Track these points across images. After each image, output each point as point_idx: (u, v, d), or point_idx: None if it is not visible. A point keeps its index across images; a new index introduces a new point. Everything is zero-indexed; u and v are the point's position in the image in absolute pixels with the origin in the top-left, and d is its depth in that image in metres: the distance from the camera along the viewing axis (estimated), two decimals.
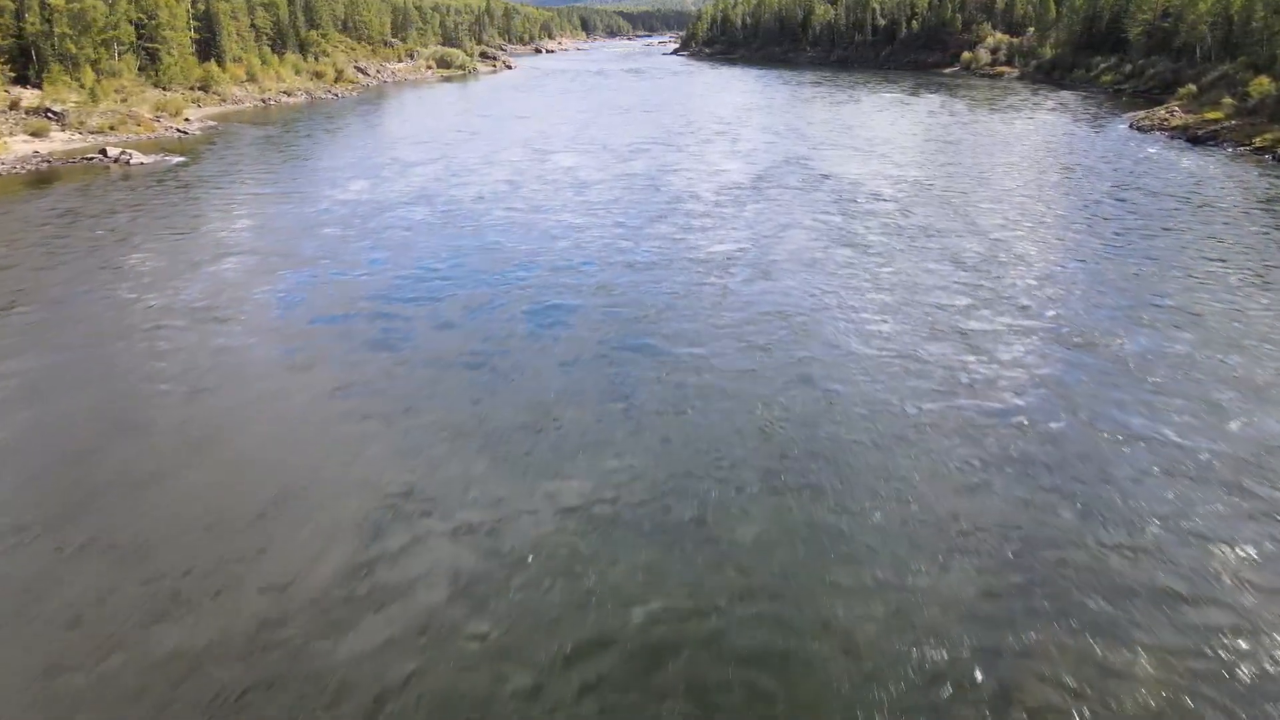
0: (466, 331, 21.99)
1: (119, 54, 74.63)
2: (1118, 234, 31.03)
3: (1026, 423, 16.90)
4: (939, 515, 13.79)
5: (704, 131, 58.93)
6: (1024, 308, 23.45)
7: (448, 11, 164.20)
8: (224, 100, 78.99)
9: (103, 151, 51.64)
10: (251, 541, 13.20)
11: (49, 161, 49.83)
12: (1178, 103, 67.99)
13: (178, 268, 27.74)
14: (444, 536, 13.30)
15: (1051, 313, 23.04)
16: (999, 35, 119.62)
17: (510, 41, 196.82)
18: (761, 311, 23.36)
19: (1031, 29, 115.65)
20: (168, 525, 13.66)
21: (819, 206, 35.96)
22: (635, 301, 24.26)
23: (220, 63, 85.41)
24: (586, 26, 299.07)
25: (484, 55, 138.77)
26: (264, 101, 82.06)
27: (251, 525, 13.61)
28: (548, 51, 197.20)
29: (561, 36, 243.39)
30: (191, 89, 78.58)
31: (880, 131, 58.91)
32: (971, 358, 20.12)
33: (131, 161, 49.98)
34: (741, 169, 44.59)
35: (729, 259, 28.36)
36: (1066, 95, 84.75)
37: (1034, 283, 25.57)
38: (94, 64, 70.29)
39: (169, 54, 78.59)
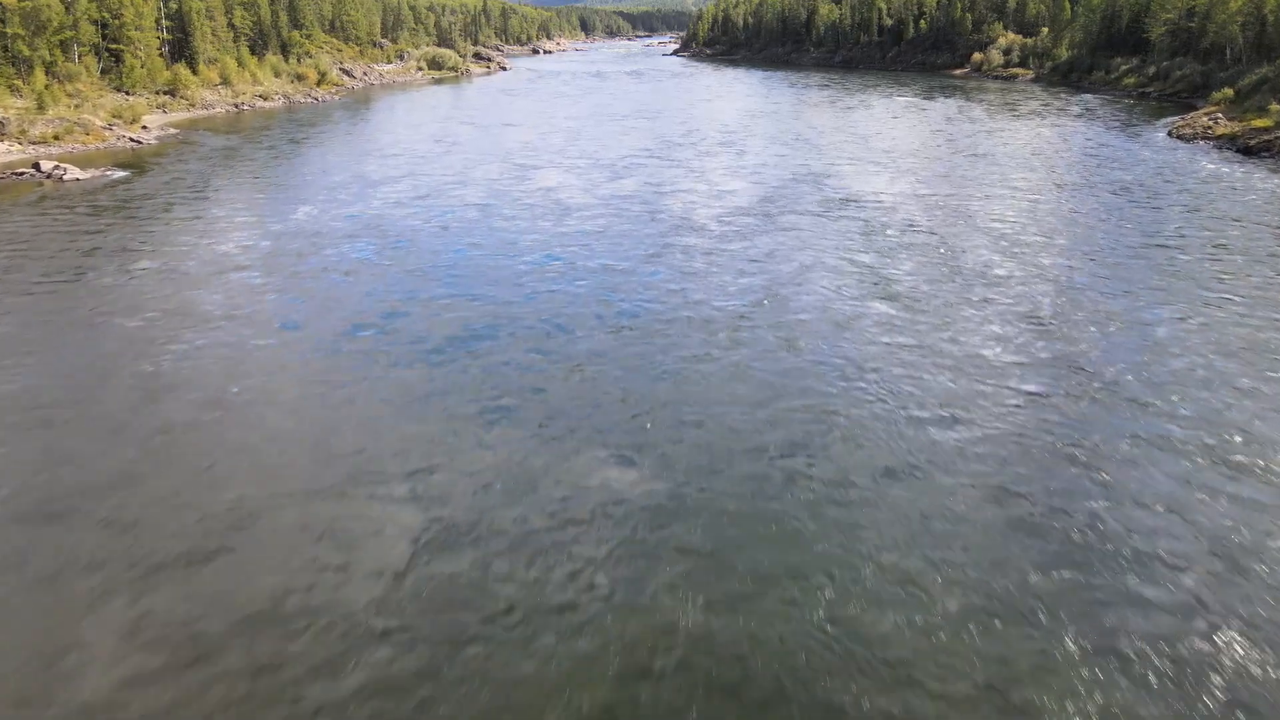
0: (385, 450, 15.64)
1: (78, 56, 68.26)
2: (1221, 279, 24.60)
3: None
4: None
5: (705, 142, 52.49)
6: (1143, 404, 17.05)
7: (443, 11, 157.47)
8: (193, 105, 72.51)
9: (36, 165, 45.22)
10: None
11: None
12: (1214, 108, 61.67)
13: (28, 335, 21.41)
14: None
15: (1187, 411, 16.64)
16: (1011, 36, 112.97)
17: (507, 42, 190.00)
18: (788, 408, 16.98)
19: (1045, 29, 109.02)
20: None
21: (843, 240, 29.57)
22: (619, 390, 17.88)
23: (193, 65, 78.92)
24: (586, 27, 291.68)
25: (478, 56, 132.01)
26: (237, 107, 75.56)
27: None
28: (545, 52, 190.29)
29: (560, 37, 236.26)
30: (158, 93, 72.13)
31: (899, 141, 52.48)
32: (1094, 492, 13.77)
33: (65, 177, 43.52)
34: (749, 189, 38.18)
35: (740, 318, 21.99)
36: (1089, 99, 78.29)
37: (1148, 357, 19.18)
38: (49, 67, 63.91)
39: (134, 56, 72.21)
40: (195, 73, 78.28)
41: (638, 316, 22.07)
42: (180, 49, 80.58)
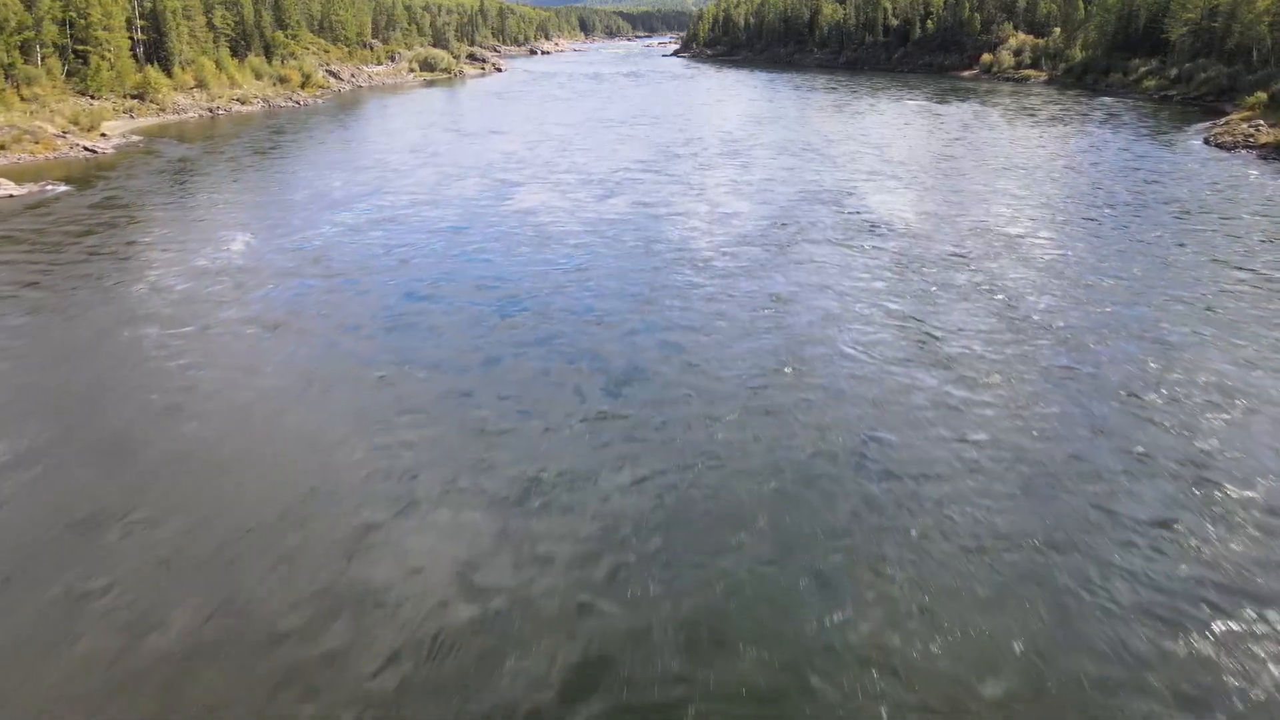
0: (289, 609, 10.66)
1: (41, 58, 63.18)
2: None
3: None
4: None
5: (707, 152, 47.38)
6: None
7: (438, 11, 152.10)
8: (163, 110, 67.38)
9: None
10: None
11: None
12: (1249, 113, 56.55)
13: None
14: None
15: None
16: (1022, 36, 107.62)
17: (505, 42, 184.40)
18: (824, 571, 11.96)
19: (1057, 30, 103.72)
20: None
21: (871, 278, 24.52)
22: (594, 526, 12.87)
23: (167, 67, 73.80)
24: (585, 27, 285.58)
25: (472, 57, 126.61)
26: (211, 111, 70.40)
27: None
28: (543, 53, 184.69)
29: (559, 37, 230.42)
30: (126, 97, 67.06)
31: (917, 152, 47.37)
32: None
33: None
34: (756, 211, 33.09)
35: (752, 396, 16.96)
36: (1109, 103, 73.18)
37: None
38: (7, 70, 58.83)
39: (101, 58, 67.07)
40: (170, 75, 73.25)
41: (619, 397, 16.99)
42: (156, 50, 75.49)
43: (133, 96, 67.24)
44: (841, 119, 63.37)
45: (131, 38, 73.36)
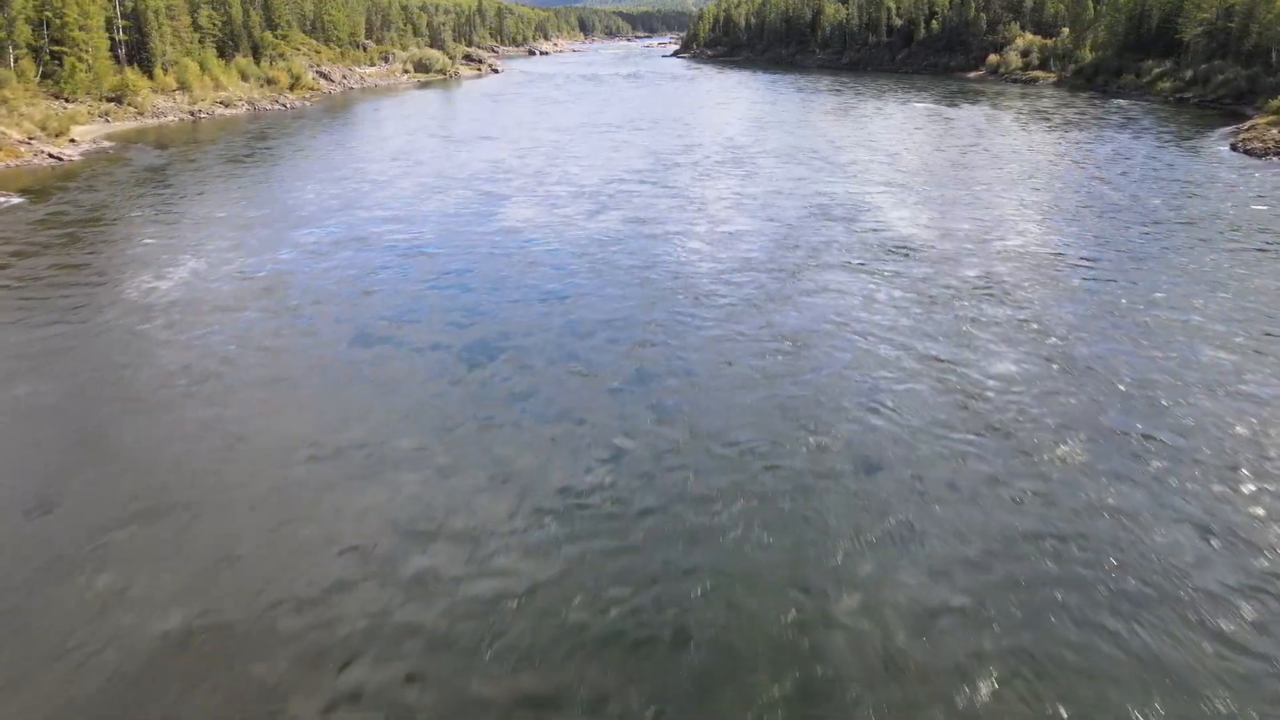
0: None
1: (14, 59, 59.89)
2: None
3: None
4: None
5: (709, 160, 44.04)
6: None
7: (435, 11, 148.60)
8: (141, 114, 64.01)
9: None
10: None
11: None
12: (1275, 117, 53.30)
13: None
14: None
15: None
16: (1029, 36, 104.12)
17: (503, 43, 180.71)
18: (851, 679, 8.70)
19: (1066, 30, 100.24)
20: None
21: (897, 313, 21.21)
22: (559, 683, 9.60)
23: (149, 68, 70.43)
24: (584, 27, 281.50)
25: (468, 58, 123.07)
26: (193, 115, 67.05)
27: None
28: (541, 53, 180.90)
29: (558, 38, 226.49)
30: (103, 100, 63.73)
31: (931, 159, 44.04)
32: None
33: None
34: (763, 229, 29.77)
35: (768, 472, 13.68)
36: (1123, 105, 69.92)
37: None
38: None
39: (79, 59, 63.72)
40: (151, 77, 69.88)
41: (602, 483, 13.67)
42: (138, 51, 72.14)
43: (110, 99, 63.90)
44: (848, 123, 60.01)
45: (113, 38, 70.01)
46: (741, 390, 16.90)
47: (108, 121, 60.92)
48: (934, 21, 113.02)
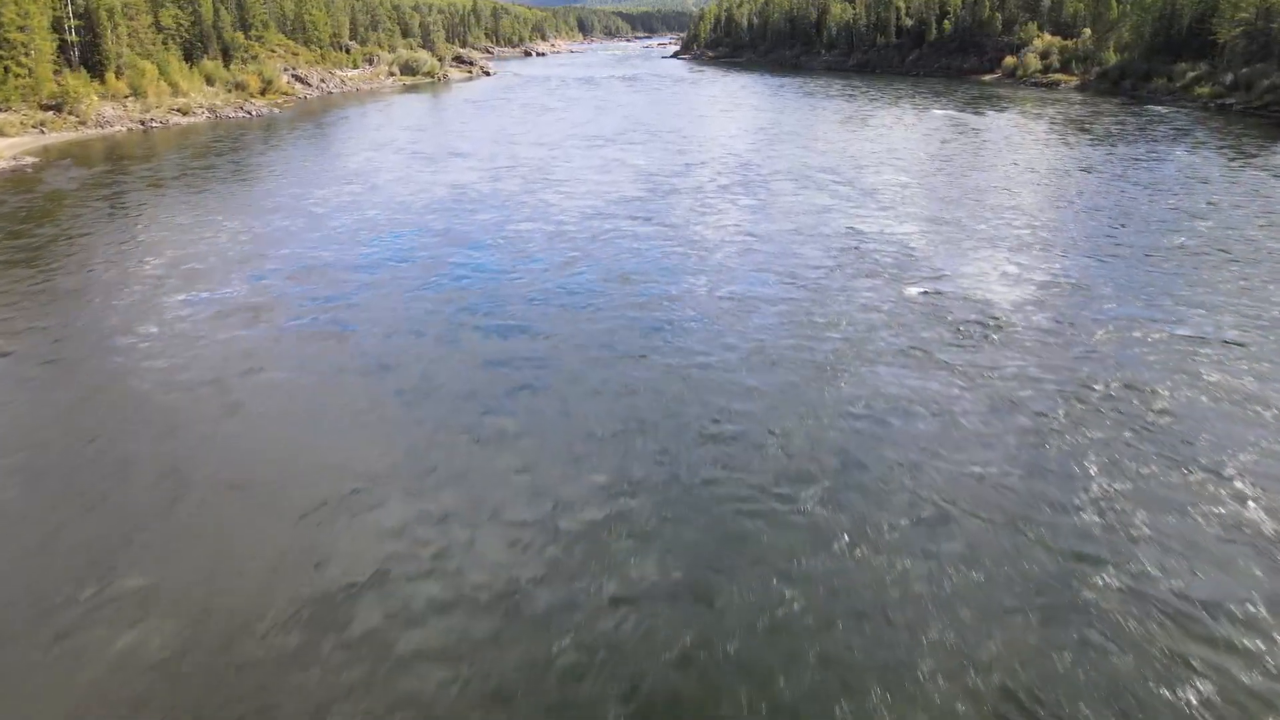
0: None
1: None
2: None
3: None
4: None
5: (712, 185, 36.73)
6: None
7: (428, 11, 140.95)
8: (84, 123, 56.68)
9: None
10: None
11: None
12: None
13: None
14: None
15: None
16: (1048, 37, 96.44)
17: (498, 43, 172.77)
18: None
19: (1087, 30, 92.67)
20: None
21: (994, 449, 13.96)
22: None
23: (99, 72, 63.07)
24: (583, 27, 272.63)
25: (459, 60, 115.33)
26: (143, 124, 59.67)
27: None
28: (538, 54, 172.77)
29: (556, 38, 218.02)
30: (43, 108, 56.46)
31: (971, 181, 36.68)
32: None
33: None
34: (785, 293, 22.45)
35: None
36: (1163, 113, 62.67)
37: None
38: None
39: (17, 63, 56.41)
40: (103, 82, 62.52)
41: None
42: (91, 54, 64.78)
43: (48, 108, 56.62)
44: (867, 135, 52.63)
45: (64, 40, 62.75)
46: (771, 608, 9.67)
47: (42, 133, 53.65)
48: (946, 22, 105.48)
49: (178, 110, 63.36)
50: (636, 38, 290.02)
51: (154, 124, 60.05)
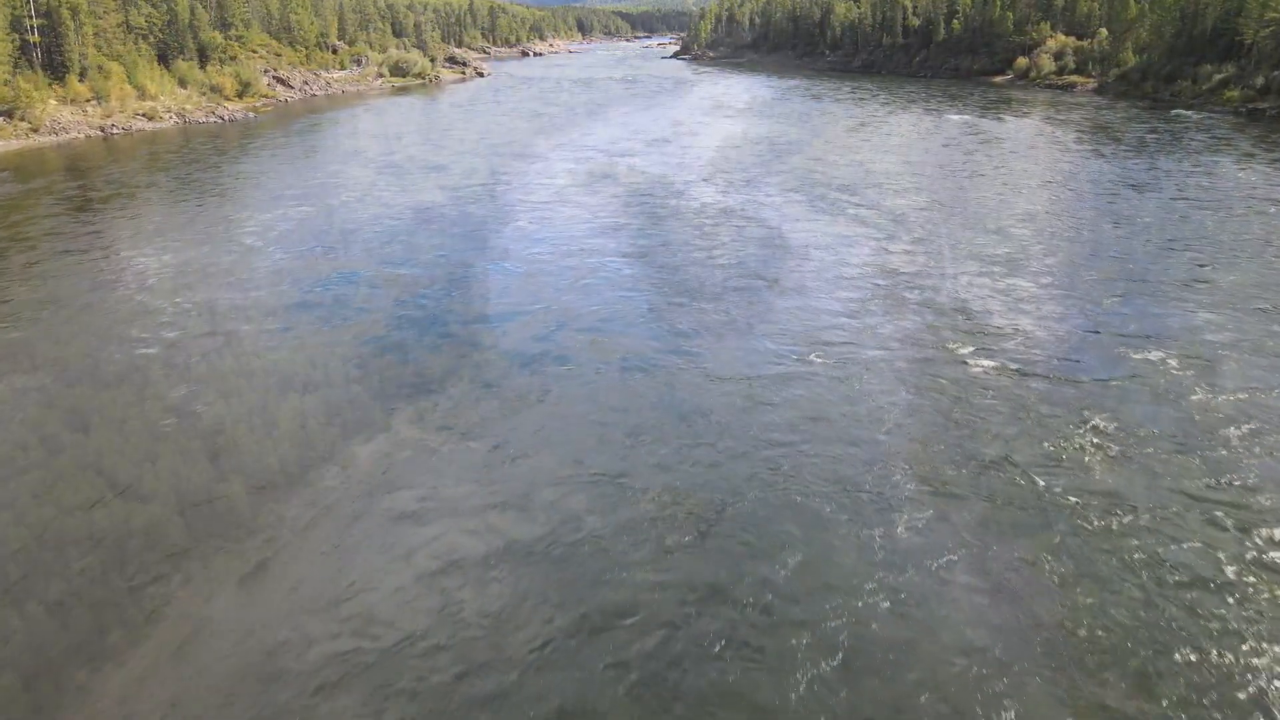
0: None
1: None
2: None
3: None
4: None
5: (713, 208, 31.57)
6: None
7: (422, 10, 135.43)
8: (37, 130, 51.50)
9: None
10: None
11: None
12: None
13: None
14: None
15: None
16: (1061, 37, 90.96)
17: (495, 43, 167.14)
18: None
19: (1103, 30, 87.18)
20: None
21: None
22: None
23: (62, 75, 57.83)
24: (582, 27, 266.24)
25: (451, 60, 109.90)
26: (104, 130, 54.50)
27: None
28: (535, 54, 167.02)
29: (555, 38, 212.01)
30: None
31: (1007, 202, 31.50)
32: None
33: None
34: (822, 392, 17.25)
35: None
36: (1193, 118, 57.59)
37: None
38: None
39: None
40: (65, 85, 57.32)
41: None
42: (53, 55, 59.55)
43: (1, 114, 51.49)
44: (880, 142, 47.42)
45: (24, 40, 57.54)
46: None
47: None
48: (955, 21, 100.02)
49: (143, 115, 58.15)
50: (636, 38, 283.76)
51: (115, 131, 54.88)
